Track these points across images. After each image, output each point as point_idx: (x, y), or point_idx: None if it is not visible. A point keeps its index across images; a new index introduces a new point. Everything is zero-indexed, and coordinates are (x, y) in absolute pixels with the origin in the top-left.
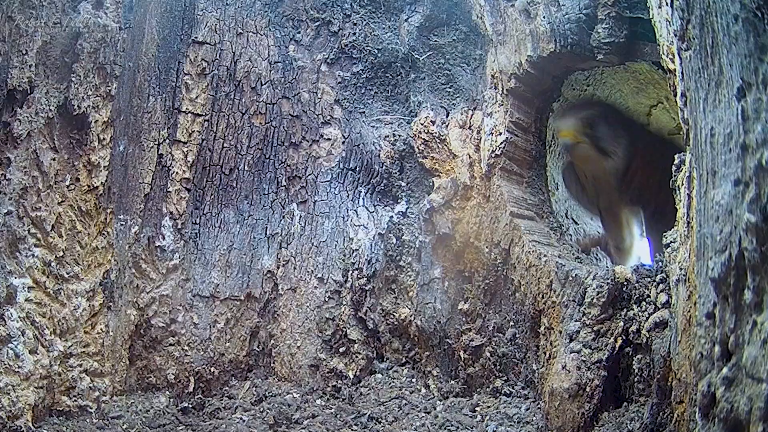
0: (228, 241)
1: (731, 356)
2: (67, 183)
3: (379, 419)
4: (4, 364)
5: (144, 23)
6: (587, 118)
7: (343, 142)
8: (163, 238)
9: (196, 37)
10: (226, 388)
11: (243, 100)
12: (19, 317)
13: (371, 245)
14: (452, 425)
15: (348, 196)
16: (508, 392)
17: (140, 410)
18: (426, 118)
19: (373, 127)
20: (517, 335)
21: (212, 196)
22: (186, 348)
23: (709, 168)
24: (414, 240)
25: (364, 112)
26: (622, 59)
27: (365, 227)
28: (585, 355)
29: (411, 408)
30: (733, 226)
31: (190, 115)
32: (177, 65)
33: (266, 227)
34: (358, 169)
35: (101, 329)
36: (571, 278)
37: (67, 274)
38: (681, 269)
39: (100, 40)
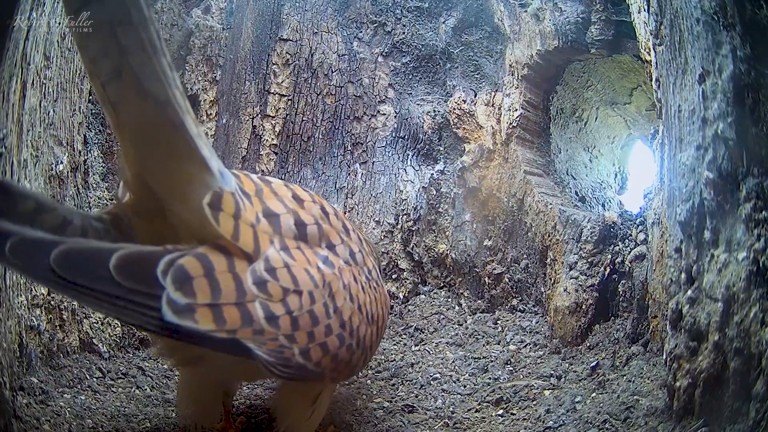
0: None
1: (694, 281)
2: None
3: (423, 330)
4: None
5: (241, 25)
6: None
7: (395, 117)
8: None
9: (281, 36)
10: None
11: (318, 84)
12: None
13: (417, 196)
14: (479, 334)
15: (399, 158)
16: (522, 309)
17: None
18: (459, 98)
19: (418, 105)
20: (529, 265)
21: (294, 158)
22: None
23: (677, 136)
24: (450, 192)
25: (411, 93)
26: (610, 52)
27: (412, 182)
28: (581, 281)
29: (447, 321)
30: (696, 181)
31: (276, 95)
32: (267, 57)
33: (335, 182)
34: (406, 137)
35: None
36: (570, 221)
37: None
38: (656, 214)
39: (207, 37)
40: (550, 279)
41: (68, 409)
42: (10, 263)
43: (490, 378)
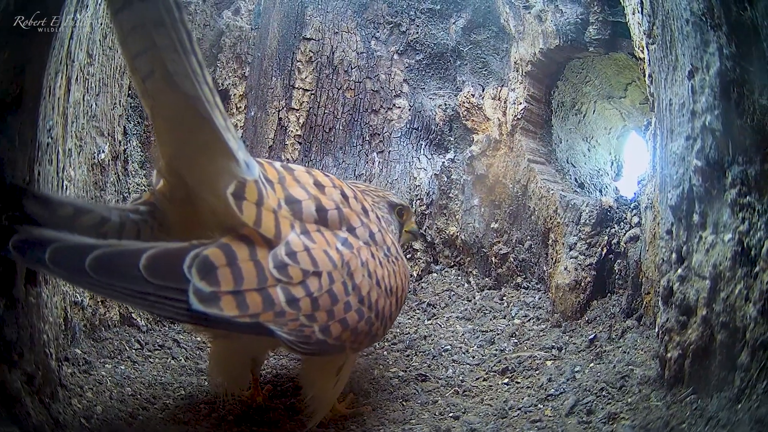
0: None
1: (684, 261)
2: None
3: (435, 305)
4: None
5: (268, 25)
6: None
7: (410, 110)
8: None
9: (305, 35)
10: None
11: (338, 80)
12: None
13: (429, 182)
14: (486, 309)
15: (413, 148)
16: (526, 286)
17: None
18: (468, 92)
19: (431, 98)
20: (533, 246)
21: (317, 148)
22: None
23: (668, 128)
24: (459, 178)
25: (424, 88)
26: (606, 50)
27: (425, 169)
28: (580, 260)
29: (457, 297)
30: (685, 168)
31: (301, 90)
32: (292, 55)
33: (355, 170)
34: (420, 128)
35: None
36: (570, 206)
37: None
38: (648, 199)
39: (237, 37)
40: (552, 258)
41: (109, 378)
42: (50, 270)
43: (496, 349)
